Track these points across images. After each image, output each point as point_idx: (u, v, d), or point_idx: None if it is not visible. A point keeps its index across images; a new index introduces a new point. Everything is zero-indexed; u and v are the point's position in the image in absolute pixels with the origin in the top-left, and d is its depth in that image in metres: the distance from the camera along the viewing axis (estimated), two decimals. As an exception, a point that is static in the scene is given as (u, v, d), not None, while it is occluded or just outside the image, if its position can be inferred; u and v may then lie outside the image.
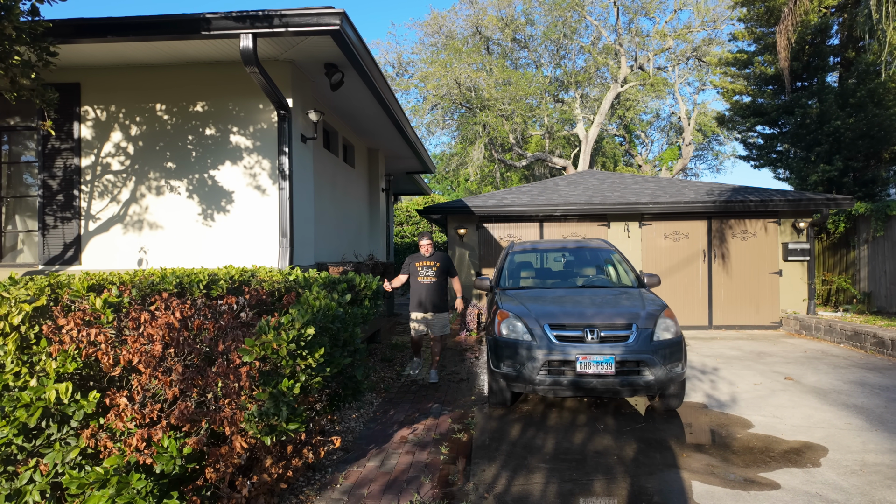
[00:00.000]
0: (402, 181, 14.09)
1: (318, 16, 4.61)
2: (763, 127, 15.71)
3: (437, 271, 6.16)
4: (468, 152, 26.25)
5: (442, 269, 6.20)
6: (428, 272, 6.15)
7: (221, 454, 2.90)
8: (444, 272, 6.23)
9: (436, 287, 6.15)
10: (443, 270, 6.21)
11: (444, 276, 6.22)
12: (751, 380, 6.27)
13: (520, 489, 3.49)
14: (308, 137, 6.00)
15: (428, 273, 6.15)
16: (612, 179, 13.15)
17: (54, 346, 2.86)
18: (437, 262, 6.18)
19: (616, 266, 6.33)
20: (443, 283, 6.22)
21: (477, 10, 25.19)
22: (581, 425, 4.74)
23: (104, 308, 2.89)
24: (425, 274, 6.15)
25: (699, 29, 23.82)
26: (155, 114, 5.73)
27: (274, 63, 5.52)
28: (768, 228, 10.61)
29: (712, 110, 25.53)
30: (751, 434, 4.48)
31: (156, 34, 4.86)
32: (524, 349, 4.76)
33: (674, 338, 4.77)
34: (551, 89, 26.86)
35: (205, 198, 5.64)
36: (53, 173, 5.78)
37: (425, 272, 6.16)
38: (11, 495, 2.95)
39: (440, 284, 6.19)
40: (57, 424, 2.92)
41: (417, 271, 6.19)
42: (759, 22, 15.06)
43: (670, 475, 3.68)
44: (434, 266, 6.18)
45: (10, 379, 2.82)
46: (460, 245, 11.36)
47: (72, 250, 5.74)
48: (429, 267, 6.18)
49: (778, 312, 10.49)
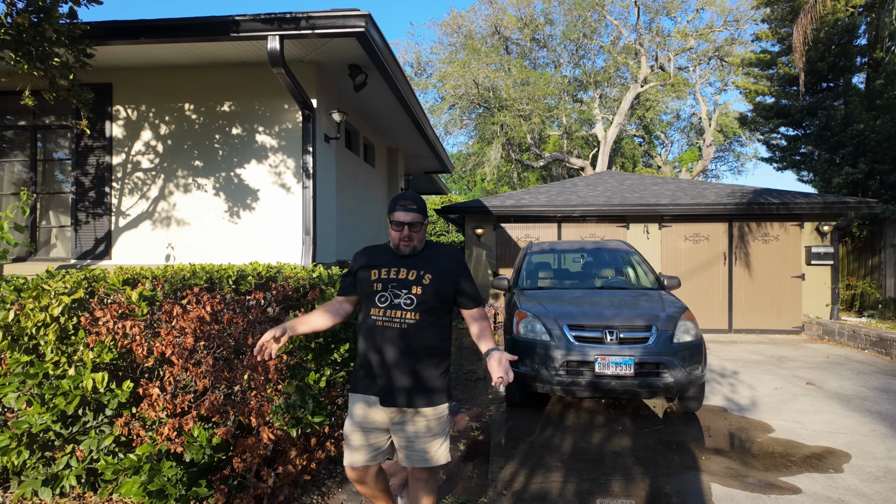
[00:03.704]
0: (421, 181, 14.17)
1: (344, 18, 4.70)
2: (786, 128, 15.47)
3: (424, 295, 2.35)
4: (485, 152, 26.26)
5: (440, 289, 2.38)
6: (400, 295, 2.35)
7: (248, 445, 2.99)
8: (444, 296, 2.39)
9: (417, 333, 2.33)
10: (441, 291, 2.38)
11: (440, 306, 2.39)
12: (771, 384, 6.21)
13: (538, 487, 3.53)
14: (331, 137, 6.10)
15: (400, 297, 2.35)
16: (632, 180, 13.06)
17: (91, 337, 2.97)
18: (427, 273, 2.37)
19: (635, 267, 6.32)
20: (437, 321, 2.39)
21: (496, 9, 25.18)
22: (598, 426, 4.76)
23: (139, 301, 3.00)
24: (393, 299, 2.34)
25: (721, 29, 23.52)
26: (183, 113, 5.88)
27: (299, 64, 5.62)
28: (791, 231, 10.45)
29: (734, 111, 25.18)
30: (771, 438, 4.45)
31: (186, 36, 4.99)
32: (542, 349, 4.79)
33: (694, 340, 4.76)
34: (570, 89, 26.74)
35: (231, 195, 5.77)
36: (86, 171, 5.96)
37: (393, 294, 2.35)
38: (49, 479, 3.08)
39: (430, 325, 2.36)
40: (93, 412, 3.04)
41: (374, 292, 2.37)
42: (784, 22, 14.82)
43: (689, 477, 3.68)
44: (420, 280, 2.36)
45: (49, 368, 2.94)
46: (477, 245, 11.39)
47: (102, 245, 5.91)
48: (404, 283, 2.36)
49: (800, 317, 10.33)
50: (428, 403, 2.29)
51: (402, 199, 2.35)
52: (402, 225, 2.32)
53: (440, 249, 2.46)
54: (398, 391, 2.27)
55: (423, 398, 2.28)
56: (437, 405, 2.31)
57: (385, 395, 2.27)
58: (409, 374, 2.27)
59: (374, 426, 2.34)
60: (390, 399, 2.26)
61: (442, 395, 2.33)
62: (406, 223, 2.32)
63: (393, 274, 2.35)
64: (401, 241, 2.34)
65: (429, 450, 2.32)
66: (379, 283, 2.34)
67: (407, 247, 2.34)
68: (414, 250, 2.37)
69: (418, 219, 2.33)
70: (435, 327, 2.35)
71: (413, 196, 2.37)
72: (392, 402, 2.26)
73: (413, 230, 2.33)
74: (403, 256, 2.36)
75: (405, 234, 2.32)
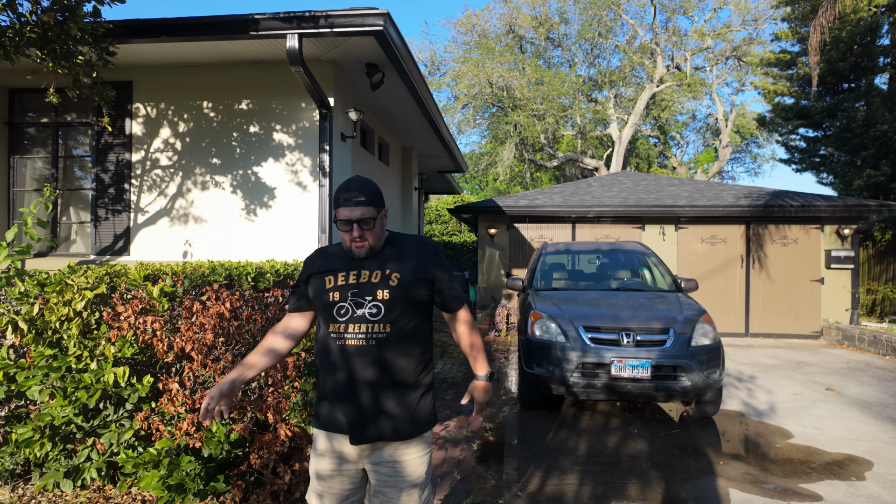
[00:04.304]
0: (434, 180, 14.18)
1: (363, 17, 4.70)
2: (806, 129, 15.24)
3: (393, 300, 1.79)
4: (498, 152, 26.19)
5: (412, 289, 1.82)
6: (363, 304, 1.79)
7: (265, 441, 3.01)
8: (418, 297, 1.84)
9: (390, 350, 1.79)
10: (414, 291, 1.83)
11: (415, 311, 1.85)
12: (790, 389, 6.11)
13: (553, 489, 3.51)
14: (347, 136, 6.12)
15: (363, 306, 1.79)
16: (648, 181, 12.95)
17: (113, 331, 3.01)
18: (394, 271, 1.83)
19: (652, 269, 6.26)
20: (413, 331, 1.85)
21: (511, 8, 25.10)
22: (614, 429, 4.72)
23: (160, 297, 3.03)
24: (355, 310, 1.79)
25: (739, 28, 23.21)
26: (202, 111, 5.93)
27: (317, 63, 5.64)
28: (810, 234, 10.29)
29: (752, 112, 24.88)
30: (790, 444, 4.38)
31: (206, 34, 5.03)
32: (558, 350, 4.76)
33: (712, 343, 4.70)
34: (584, 89, 26.58)
35: (248, 193, 5.81)
36: (106, 167, 6.04)
37: (355, 304, 1.80)
38: (70, 472, 3.13)
39: (405, 338, 1.82)
40: (113, 406, 3.08)
41: (331, 303, 1.82)
42: (804, 21, 14.59)
43: (706, 482, 3.63)
44: (387, 281, 1.81)
45: (72, 361, 2.98)
46: (490, 245, 11.37)
47: (121, 241, 5.99)
48: (367, 288, 1.81)
49: (819, 321, 10.17)
50: (410, 433, 1.82)
51: (345, 191, 1.80)
52: (349, 224, 1.79)
53: (407, 241, 1.95)
54: (369, 424, 1.79)
55: (402, 428, 1.81)
56: (420, 434, 1.85)
57: (354, 431, 1.79)
58: (382, 401, 1.79)
59: (343, 465, 1.85)
60: (359, 435, 1.79)
61: (425, 423, 1.86)
62: (355, 220, 1.78)
63: (352, 278, 1.83)
64: (352, 244, 1.83)
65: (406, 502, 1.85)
66: (336, 291, 1.83)
67: (361, 248, 1.83)
68: (371, 251, 1.84)
69: (370, 213, 1.79)
70: (411, 339, 1.84)
71: (360, 183, 1.82)
72: (362, 437, 1.79)
73: (365, 227, 1.79)
74: (360, 255, 1.85)
75: (356, 234, 1.79)
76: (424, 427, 1.87)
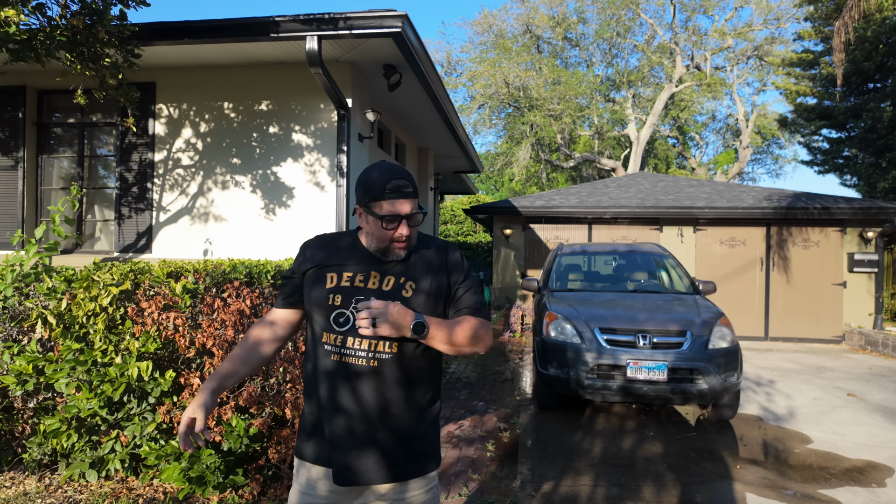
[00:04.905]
0: (450, 180, 14.21)
1: (381, 18, 4.75)
2: (829, 130, 14.97)
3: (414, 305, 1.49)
4: (514, 152, 26.13)
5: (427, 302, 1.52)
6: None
7: (283, 436, 3.06)
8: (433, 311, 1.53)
9: (396, 373, 1.48)
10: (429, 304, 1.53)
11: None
12: (810, 394, 6.02)
13: (567, 490, 3.51)
14: (365, 136, 6.18)
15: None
16: (666, 182, 12.83)
17: (137, 327, 3.09)
18: (409, 280, 1.53)
19: (669, 271, 6.21)
20: (424, 352, 1.52)
21: (528, 8, 25.03)
22: (629, 431, 4.70)
23: (182, 294, 3.10)
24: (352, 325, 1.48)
25: (761, 27, 22.84)
26: (222, 112, 6.03)
27: (336, 64, 5.70)
28: (832, 237, 10.11)
29: (773, 112, 24.50)
30: (810, 450, 4.32)
31: (228, 36, 5.12)
32: (573, 352, 4.76)
33: (730, 346, 4.66)
34: (602, 89, 26.39)
35: (267, 193, 5.90)
36: (129, 167, 6.18)
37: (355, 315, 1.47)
38: (95, 463, 3.22)
39: (415, 359, 1.51)
40: (137, 400, 3.16)
41: (329, 307, 1.51)
42: (828, 20, 14.33)
43: (723, 485, 3.61)
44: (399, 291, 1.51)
45: (98, 355, 3.07)
46: (506, 245, 11.36)
47: (144, 239, 6.12)
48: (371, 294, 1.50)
49: (840, 326, 9.98)
50: (416, 473, 1.52)
51: (392, 180, 1.45)
52: (396, 219, 1.46)
53: (426, 242, 1.61)
54: (364, 465, 1.46)
55: (406, 468, 1.51)
56: (427, 474, 1.55)
57: (343, 470, 1.47)
58: (379, 437, 1.47)
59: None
60: (350, 476, 1.46)
61: (433, 459, 1.58)
62: (405, 216, 1.46)
63: (359, 281, 1.51)
64: (394, 244, 1.50)
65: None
66: (338, 293, 1.50)
67: (403, 250, 1.51)
68: (408, 254, 1.55)
69: (416, 207, 1.50)
70: (420, 362, 1.52)
71: (404, 172, 1.50)
72: (354, 479, 1.47)
73: (412, 225, 1.49)
74: (384, 261, 1.53)
75: (405, 232, 1.48)
76: (431, 464, 1.57)
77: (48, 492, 3.13)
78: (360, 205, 1.51)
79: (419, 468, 1.53)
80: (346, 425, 1.48)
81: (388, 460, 1.48)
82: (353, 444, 1.47)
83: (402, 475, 1.50)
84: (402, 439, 1.49)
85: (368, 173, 1.50)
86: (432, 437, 1.58)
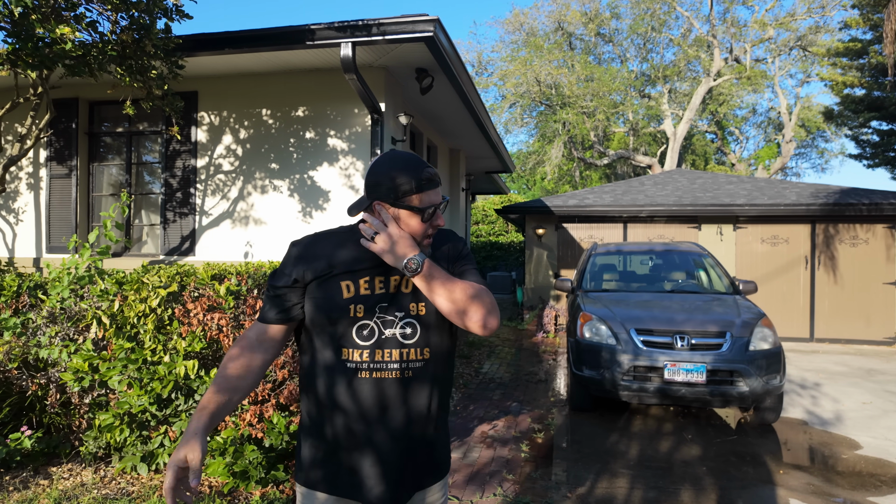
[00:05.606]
0: (482, 180, 14.21)
1: (413, 23, 4.81)
2: (879, 122, 14.30)
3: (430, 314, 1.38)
4: (546, 150, 25.91)
5: None
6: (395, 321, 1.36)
7: (322, 434, 3.15)
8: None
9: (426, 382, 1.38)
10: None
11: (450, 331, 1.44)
12: (858, 398, 5.78)
13: (603, 492, 3.49)
14: (398, 140, 6.26)
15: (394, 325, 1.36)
16: (704, 179, 12.51)
17: (184, 327, 3.23)
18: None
19: (708, 271, 6.07)
20: (449, 352, 1.46)
21: (560, 5, 24.78)
22: (666, 434, 4.62)
23: (226, 295, 3.23)
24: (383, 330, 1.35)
25: (804, 16, 21.96)
26: (261, 118, 6.22)
27: (369, 69, 5.81)
28: (883, 234, 9.66)
29: (818, 104, 23.55)
30: (858, 455, 4.16)
31: (266, 45, 5.28)
32: (608, 353, 4.71)
33: (772, 348, 4.53)
34: (637, 84, 25.89)
35: (304, 196, 6.05)
36: (174, 173, 6.43)
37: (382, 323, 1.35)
38: (146, 456, 3.38)
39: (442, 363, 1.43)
40: (184, 397, 3.30)
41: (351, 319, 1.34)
42: (877, 7, 13.69)
43: (765, 491, 3.52)
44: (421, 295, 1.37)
45: (148, 354, 3.22)
46: (538, 245, 11.29)
47: (188, 242, 6.36)
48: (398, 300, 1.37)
49: (893, 327, 9.53)
50: (437, 478, 1.47)
51: (425, 168, 1.35)
52: (430, 210, 1.34)
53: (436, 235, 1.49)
54: (402, 492, 1.37)
55: (430, 475, 1.45)
56: (444, 476, 1.50)
57: (383, 499, 1.34)
58: (416, 451, 1.39)
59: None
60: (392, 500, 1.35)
61: (448, 460, 1.53)
62: (438, 206, 1.36)
63: (379, 285, 1.36)
64: (425, 239, 1.39)
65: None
66: (359, 303, 1.34)
67: (430, 243, 1.42)
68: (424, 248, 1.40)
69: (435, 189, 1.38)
70: (447, 364, 1.45)
71: (423, 160, 1.42)
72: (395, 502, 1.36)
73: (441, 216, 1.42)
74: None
75: (440, 222, 1.40)
76: (445, 468, 1.50)
77: (103, 483, 3.31)
78: (387, 201, 1.33)
79: (441, 473, 1.48)
80: (382, 449, 1.34)
81: (417, 472, 1.40)
82: (392, 468, 1.35)
83: (426, 483, 1.44)
84: (428, 449, 1.42)
85: (390, 167, 1.34)
86: (448, 440, 1.53)
